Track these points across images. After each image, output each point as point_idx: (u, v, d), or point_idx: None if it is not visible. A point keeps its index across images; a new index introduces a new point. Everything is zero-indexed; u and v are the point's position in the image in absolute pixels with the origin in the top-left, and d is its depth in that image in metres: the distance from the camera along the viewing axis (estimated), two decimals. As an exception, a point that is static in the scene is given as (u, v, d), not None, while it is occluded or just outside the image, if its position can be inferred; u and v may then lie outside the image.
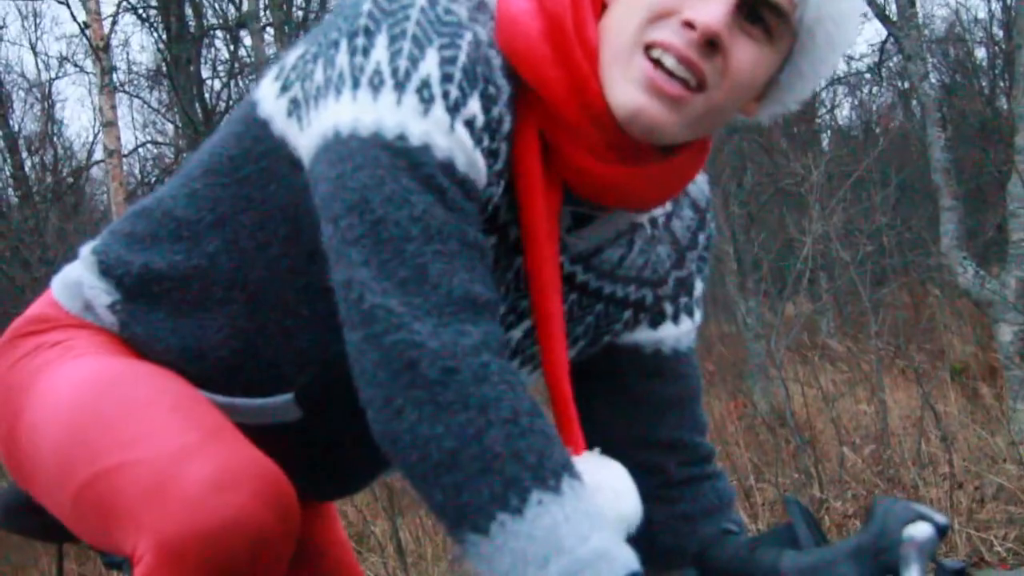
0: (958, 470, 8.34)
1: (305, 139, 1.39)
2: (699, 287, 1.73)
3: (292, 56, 1.45)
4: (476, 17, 1.38)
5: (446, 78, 1.33)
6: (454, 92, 1.33)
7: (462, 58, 1.34)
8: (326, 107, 1.35)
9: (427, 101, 1.32)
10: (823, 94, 20.75)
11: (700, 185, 1.70)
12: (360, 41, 1.33)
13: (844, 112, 22.85)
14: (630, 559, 1.20)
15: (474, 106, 1.34)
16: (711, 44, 1.33)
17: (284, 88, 1.44)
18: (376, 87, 1.32)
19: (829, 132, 20.86)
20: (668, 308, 1.68)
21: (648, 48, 1.36)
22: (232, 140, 1.50)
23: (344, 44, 1.34)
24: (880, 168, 18.60)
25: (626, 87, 1.37)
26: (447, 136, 1.32)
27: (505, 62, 1.39)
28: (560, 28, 1.38)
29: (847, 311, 16.47)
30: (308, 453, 1.55)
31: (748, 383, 13.12)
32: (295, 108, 1.42)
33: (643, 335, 1.68)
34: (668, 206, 1.64)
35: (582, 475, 1.24)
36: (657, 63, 1.35)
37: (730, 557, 1.28)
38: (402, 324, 1.25)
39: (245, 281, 1.50)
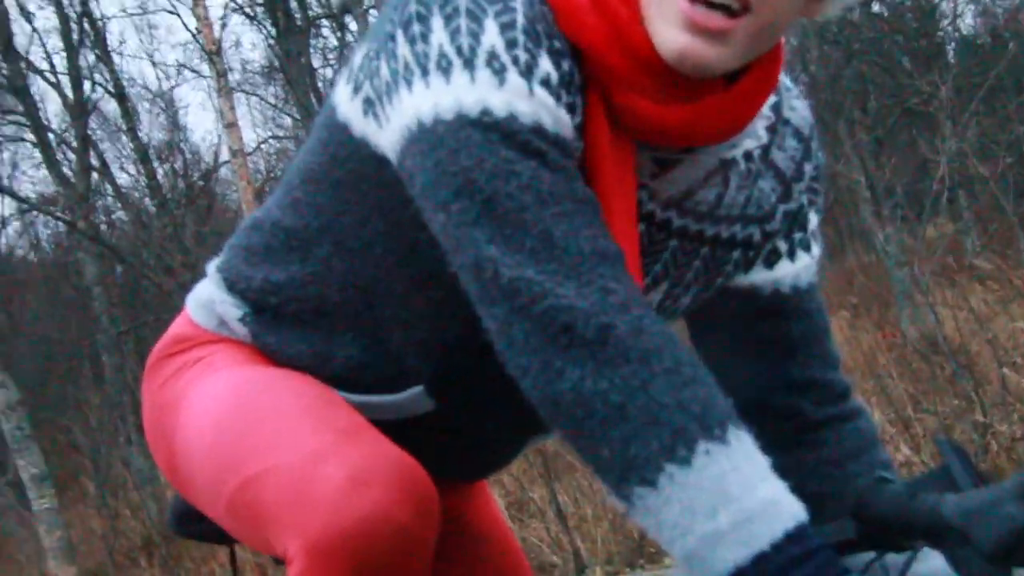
0: None
1: (386, 136, 1.38)
2: (813, 220, 1.66)
3: (358, 56, 1.44)
4: None
5: (511, 44, 1.32)
6: (523, 56, 1.32)
7: (520, 20, 1.32)
8: (400, 101, 1.34)
9: (499, 71, 1.31)
10: (943, 4, 20.29)
11: (801, 112, 1.63)
12: (416, 29, 1.33)
13: (968, 21, 22.28)
14: (798, 509, 1.19)
15: (545, 65, 1.33)
16: None
17: (356, 89, 1.43)
18: (446, 70, 1.31)
19: (954, 44, 20.35)
20: (782, 245, 1.63)
21: None
22: (319, 147, 1.51)
23: (400, 35, 1.34)
24: (1013, 75, 18.15)
25: (667, 29, 1.32)
26: (528, 100, 1.31)
27: (555, 13, 1.38)
28: None
29: (992, 228, 16.08)
30: (446, 440, 1.55)
31: (895, 312, 12.92)
32: (369, 107, 1.40)
33: (759, 276, 1.62)
34: (765, 137, 1.58)
35: (742, 422, 1.23)
36: None
37: (888, 505, 1.23)
38: (547, 292, 1.24)
39: (357, 281, 1.50)
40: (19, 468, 11.80)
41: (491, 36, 1.31)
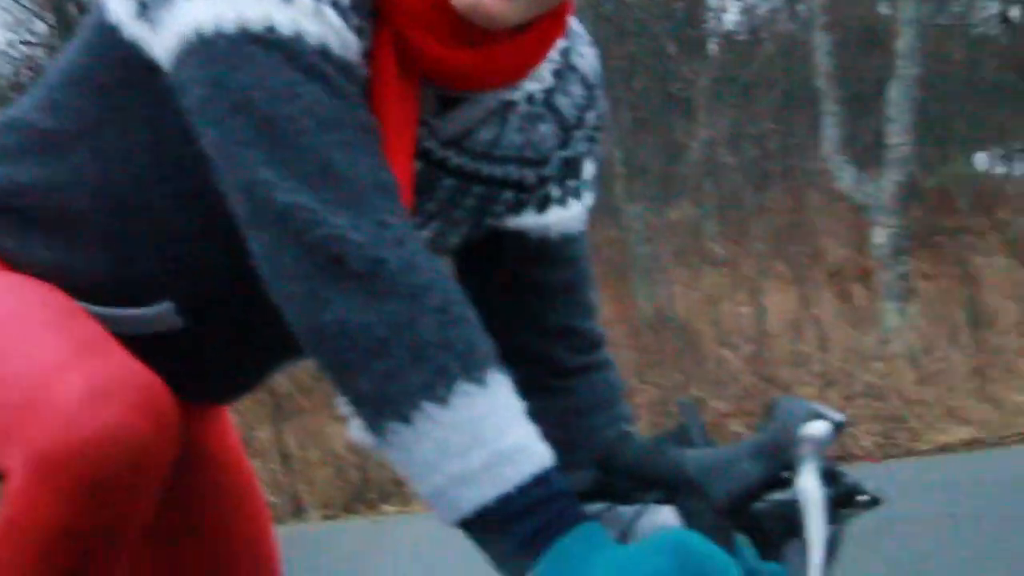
0: (831, 368, 8.65)
1: (160, 41, 1.32)
2: (589, 169, 1.65)
3: None
4: None
5: None
6: None
7: None
8: (179, 6, 1.29)
9: None
10: (710, -1, 20.85)
11: (590, 60, 1.62)
12: None
13: (731, 17, 22.89)
14: (547, 454, 1.19)
15: None
16: None
17: None
18: None
19: (716, 37, 20.92)
20: (555, 191, 1.60)
21: None
22: (84, 48, 1.44)
23: None
24: (766, 73, 18.75)
25: None
26: (316, 19, 1.27)
27: None
28: None
29: (730, 215, 16.60)
30: (192, 360, 1.50)
31: (633, 286, 13.23)
32: (143, 9, 1.34)
33: (530, 220, 1.60)
34: (550, 81, 1.58)
35: (503, 367, 1.23)
36: None
37: (635, 457, 1.25)
38: (321, 220, 1.21)
39: (111, 192, 1.44)
40: None
41: None
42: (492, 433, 1.17)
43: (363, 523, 8.05)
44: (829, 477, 1.14)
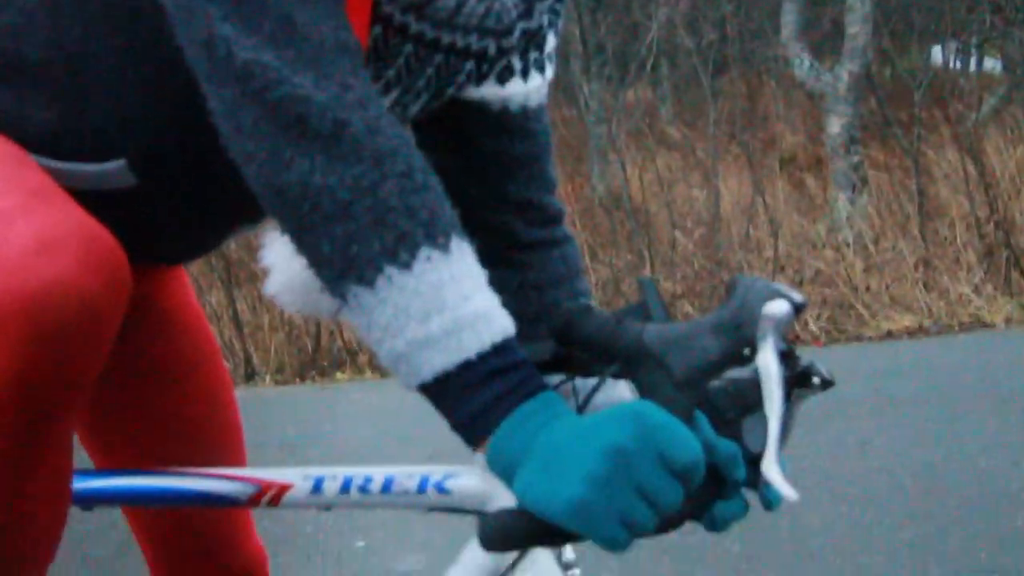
0: (781, 254, 8.71)
1: None
2: (551, 42, 1.61)
3: None
4: None
5: None
6: None
7: None
8: None
9: None
10: None
11: None
12: None
13: None
14: (508, 323, 1.17)
15: None
16: None
17: None
18: None
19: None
20: (516, 63, 1.57)
21: None
22: None
23: None
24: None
25: None
26: None
27: None
28: None
29: (687, 99, 16.49)
30: (145, 218, 1.47)
31: (588, 167, 13.17)
32: None
33: (490, 91, 1.56)
34: None
35: (466, 236, 1.20)
36: None
37: (596, 329, 1.22)
38: (283, 79, 1.17)
39: (63, 42, 1.39)
40: None
41: None
42: (454, 299, 1.15)
43: (315, 389, 8.03)
44: (786, 357, 1.14)
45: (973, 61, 17.92)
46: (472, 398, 1.13)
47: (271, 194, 1.18)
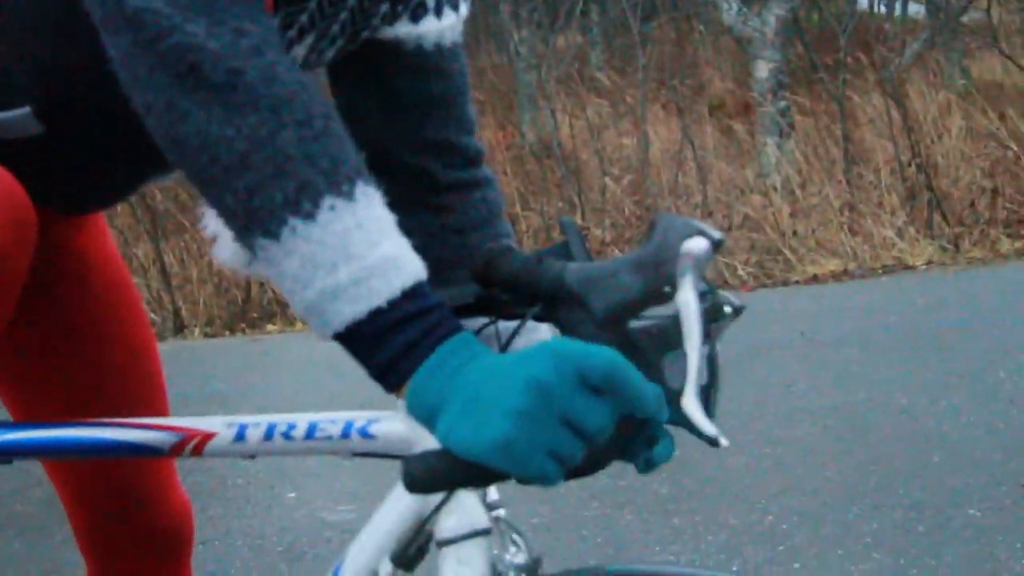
0: (710, 200, 8.76)
1: None
2: None
3: None
4: None
5: None
6: None
7: None
8: None
9: None
10: None
11: None
12: None
13: None
14: (419, 267, 1.15)
15: None
16: None
17: None
18: None
19: None
20: (429, 1, 1.55)
21: None
22: None
23: None
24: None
25: None
26: None
27: None
28: None
29: (616, 44, 16.44)
30: (55, 166, 1.46)
31: (518, 114, 13.14)
32: None
33: (404, 29, 1.54)
34: None
35: (373, 180, 1.17)
36: None
37: (517, 268, 1.20)
38: (175, 27, 1.12)
39: None
40: None
41: None
42: (361, 247, 1.13)
43: (245, 341, 7.92)
44: (702, 294, 1.13)
45: (898, 5, 18.03)
46: (385, 345, 1.12)
47: (170, 146, 1.16)
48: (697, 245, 1.13)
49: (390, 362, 1.12)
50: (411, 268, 1.14)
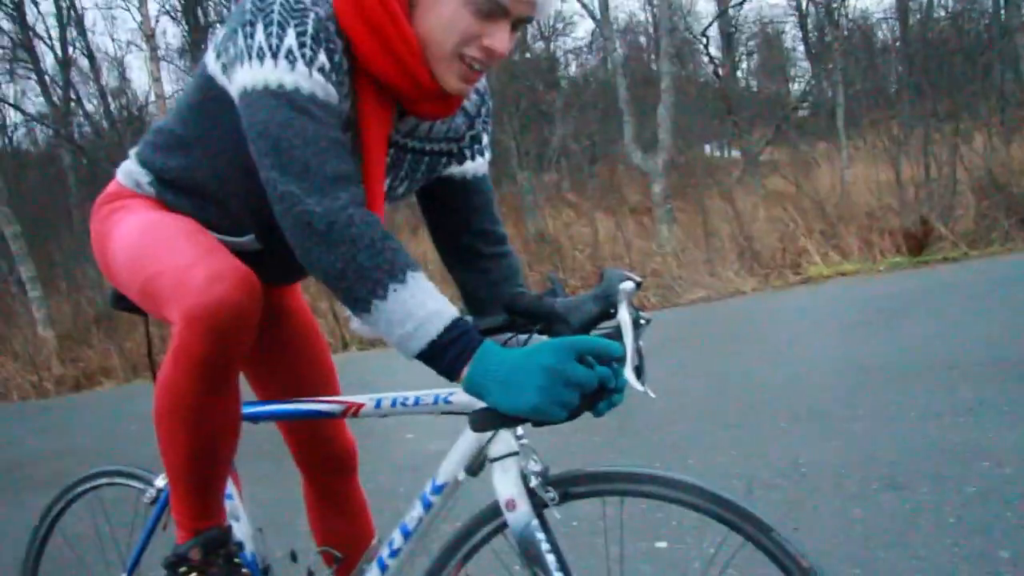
0: (633, 261, 8.68)
1: (232, 89, 1.24)
2: (485, 138, 1.52)
3: (220, 34, 1.29)
4: (317, 2, 1.22)
5: (302, 44, 1.19)
6: (308, 52, 1.19)
7: (310, 30, 1.20)
8: (237, 72, 1.21)
9: (292, 61, 1.18)
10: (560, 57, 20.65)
11: (480, 79, 1.46)
12: (248, 29, 1.20)
13: (571, 69, 22.50)
14: (452, 311, 1.11)
15: (322, 58, 1.20)
16: None
17: (218, 56, 1.28)
18: (261, 58, 1.18)
19: (565, 81, 20.65)
20: (467, 152, 1.49)
21: (462, 56, 1.24)
22: (196, 88, 1.34)
23: (240, 31, 1.21)
24: (592, 99, 18.64)
25: (452, 79, 1.26)
26: (308, 80, 1.18)
27: (338, 26, 1.23)
28: (382, 28, 1.23)
29: (576, 178, 16.54)
30: (269, 262, 1.42)
31: (524, 218, 13.14)
32: (225, 70, 1.26)
33: (455, 169, 1.49)
34: None
35: (419, 267, 1.13)
36: (470, 66, 1.25)
37: (526, 304, 1.20)
38: (299, 200, 1.13)
39: (214, 171, 1.35)
40: (21, 272, 10.98)
41: (289, 39, 1.19)
42: (415, 308, 1.10)
43: (378, 354, 7.62)
44: (632, 313, 1.11)
45: (726, 152, 18.07)
46: (442, 359, 1.10)
47: (306, 265, 1.15)
48: (627, 285, 1.12)
49: (448, 366, 1.10)
50: (447, 313, 1.11)
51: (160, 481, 1.65)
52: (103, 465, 1.79)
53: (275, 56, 1.17)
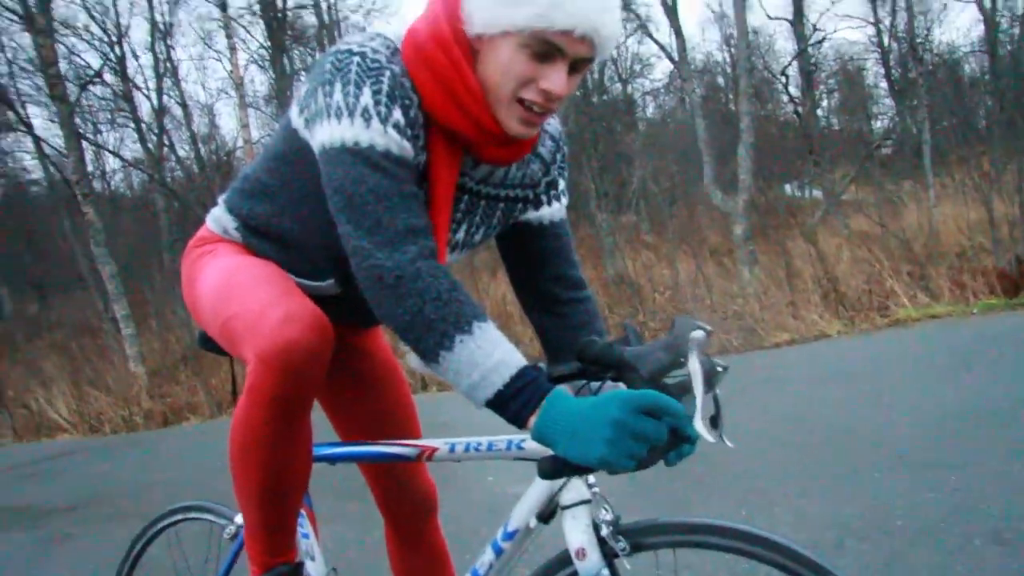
0: (714, 303, 8.56)
1: (313, 144, 1.28)
2: (562, 184, 1.53)
3: (303, 90, 1.32)
4: (392, 59, 1.26)
5: (377, 103, 1.22)
6: (383, 110, 1.22)
7: (385, 88, 1.23)
8: (317, 129, 1.25)
9: (368, 119, 1.21)
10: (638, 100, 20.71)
11: (555, 124, 1.50)
12: (327, 87, 1.23)
13: (650, 111, 22.51)
14: (519, 359, 1.12)
15: (397, 114, 1.23)
16: None
17: (300, 111, 1.31)
18: (339, 116, 1.21)
19: (643, 122, 20.68)
20: (544, 198, 1.50)
21: (521, 99, 1.25)
22: (281, 139, 1.38)
23: (319, 89, 1.24)
24: (672, 140, 18.60)
25: (513, 122, 1.27)
26: (383, 136, 1.21)
27: (413, 83, 1.27)
28: (451, 84, 1.26)
29: (655, 219, 16.47)
30: (347, 305, 1.44)
31: (604, 260, 13.14)
32: (306, 124, 1.29)
33: (532, 215, 1.50)
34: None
35: (487, 318, 1.15)
36: (529, 109, 1.26)
37: (598, 351, 1.18)
38: (370, 254, 1.16)
39: (297, 219, 1.39)
40: (115, 310, 11.46)
41: (366, 97, 1.22)
42: (481, 358, 1.11)
43: (457, 396, 7.91)
44: (703, 362, 1.11)
45: (807, 191, 17.78)
46: (509, 408, 1.12)
47: (378, 316, 1.18)
48: (698, 334, 1.12)
49: (515, 415, 1.12)
50: (514, 361, 1.12)
51: (240, 518, 1.67)
52: (186, 500, 1.83)
53: (351, 115, 1.21)
